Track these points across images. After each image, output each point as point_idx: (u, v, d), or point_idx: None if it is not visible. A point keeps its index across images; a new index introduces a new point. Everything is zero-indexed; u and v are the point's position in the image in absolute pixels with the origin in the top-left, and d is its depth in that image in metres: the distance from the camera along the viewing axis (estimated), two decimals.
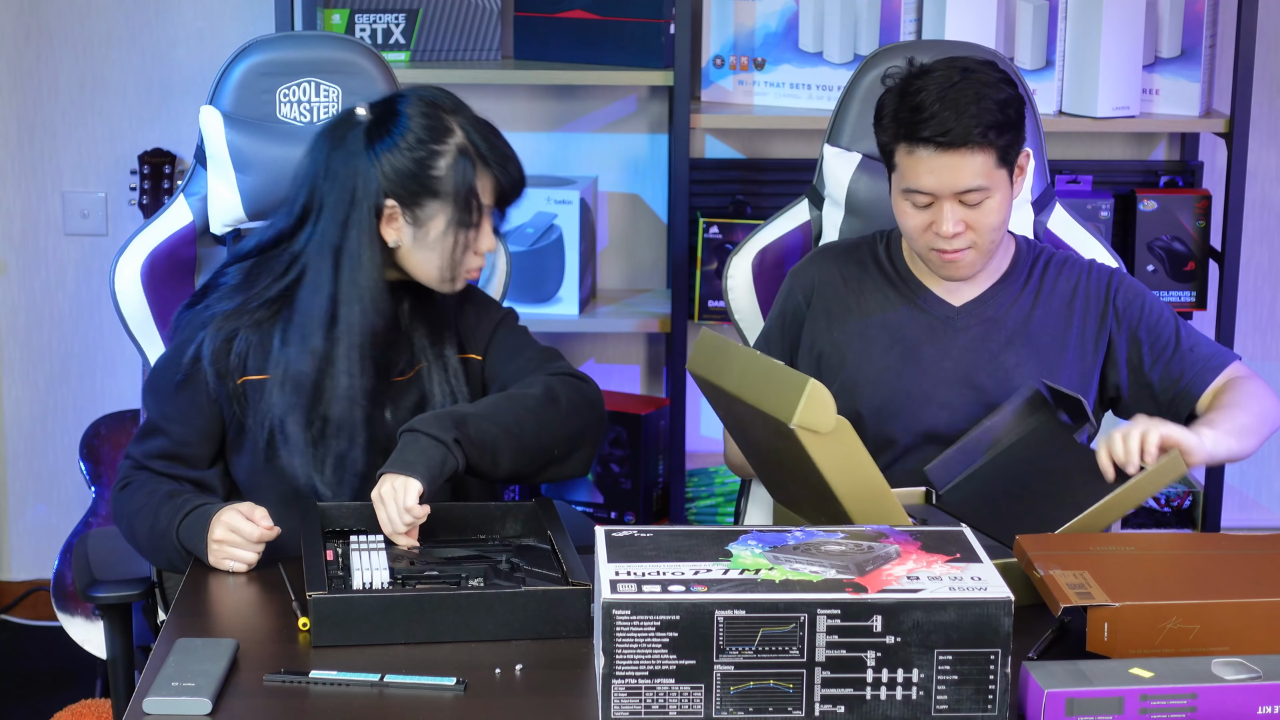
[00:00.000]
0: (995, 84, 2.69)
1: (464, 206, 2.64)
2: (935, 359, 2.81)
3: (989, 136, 2.65)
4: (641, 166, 4.13)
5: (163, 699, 2.11)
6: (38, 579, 4.29)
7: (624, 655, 2.04)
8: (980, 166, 2.67)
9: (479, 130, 2.66)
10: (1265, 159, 4.18)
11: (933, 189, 2.68)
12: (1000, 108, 2.67)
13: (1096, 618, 2.19)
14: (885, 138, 2.72)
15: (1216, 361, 2.79)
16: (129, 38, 4.08)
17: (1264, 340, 4.29)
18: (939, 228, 2.70)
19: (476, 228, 2.66)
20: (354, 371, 2.63)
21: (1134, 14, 3.82)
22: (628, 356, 4.22)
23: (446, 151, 2.63)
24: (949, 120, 2.64)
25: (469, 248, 2.67)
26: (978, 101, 2.65)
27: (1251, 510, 4.35)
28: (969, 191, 2.67)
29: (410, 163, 2.62)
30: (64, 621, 3.81)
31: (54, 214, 4.16)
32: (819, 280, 2.89)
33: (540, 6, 3.94)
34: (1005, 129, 2.67)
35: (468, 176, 2.63)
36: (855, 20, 3.84)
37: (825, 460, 2.36)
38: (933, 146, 2.65)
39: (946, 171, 2.66)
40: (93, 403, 4.19)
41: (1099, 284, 2.84)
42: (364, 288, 2.63)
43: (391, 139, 2.62)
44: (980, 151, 2.66)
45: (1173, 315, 2.84)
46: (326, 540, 2.50)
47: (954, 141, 2.64)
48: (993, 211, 2.70)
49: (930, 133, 2.65)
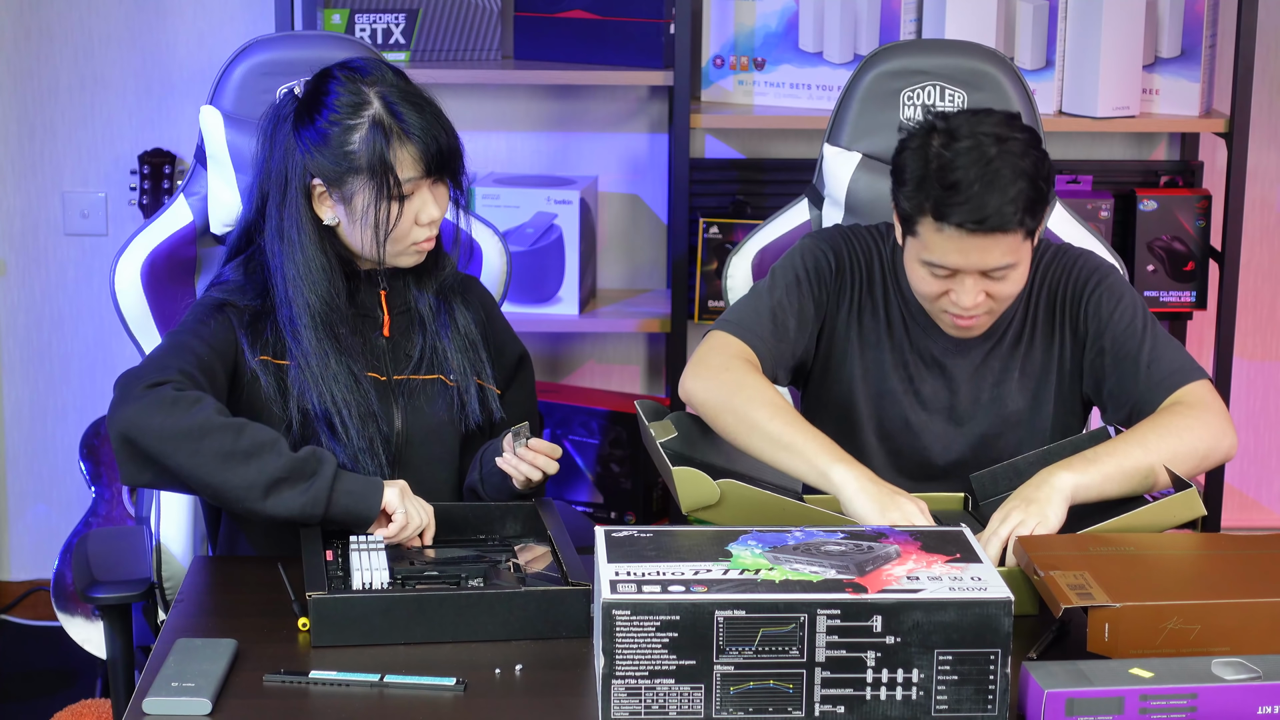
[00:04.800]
0: (1026, 153, 2.57)
1: (381, 180, 2.58)
2: (933, 393, 2.78)
3: (1024, 221, 2.56)
4: (641, 166, 4.13)
5: (163, 699, 2.11)
6: (38, 579, 4.29)
7: (624, 655, 2.04)
8: (1010, 245, 2.58)
9: (399, 99, 2.59)
10: (1265, 159, 4.18)
11: (958, 266, 2.60)
12: (1031, 182, 2.56)
13: (1097, 618, 2.19)
14: (909, 206, 2.61)
15: (1171, 381, 2.65)
16: (129, 38, 4.07)
17: (1264, 340, 4.29)
18: (958, 300, 2.63)
19: (400, 200, 2.59)
20: (311, 354, 2.61)
21: (1134, 14, 3.81)
22: (628, 356, 4.22)
23: (360, 125, 2.58)
24: (987, 207, 2.53)
25: (400, 220, 2.60)
26: (1014, 179, 2.54)
27: (1251, 510, 4.35)
28: (996, 269, 2.60)
29: (327, 140, 2.59)
30: (64, 621, 3.80)
31: (54, 214, 4.16)
32: (848, 262, 2.81)
33: (540, 6, 3.94)
34: (1038, 206, 2.58)
35: (379, 149, 2.57)
36: (855, 20, 3.84)
37: (732, 520, 2.43)
38: (965, 229, 2.55)
39: (975, 253, 2.57)
40: (93, 403, 4.19)
41: (1077, 284, 2.75)
42: (303, 269, 2.62)
43: (312, 118, 2.61)
44: (1013, 233, 2.57)
45: (1144, 326, 2.71)
46: (326, 540, 2.50)
47: (989, 228, 2.55)
48: (1016, 282, 2.63)
49: (963, 218, 2.54)
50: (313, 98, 2.63)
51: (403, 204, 2.60)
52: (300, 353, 2.62)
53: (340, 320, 2.65)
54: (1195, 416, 2.60)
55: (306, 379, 2.62)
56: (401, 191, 2.59)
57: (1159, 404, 2.64)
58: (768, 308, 2.77)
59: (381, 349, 2.71)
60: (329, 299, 2.63)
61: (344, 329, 2.65)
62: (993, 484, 2.68)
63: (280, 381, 2.63)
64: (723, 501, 2.46)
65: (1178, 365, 2.68)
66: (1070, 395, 2.78)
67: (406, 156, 2.59)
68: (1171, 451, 2.55)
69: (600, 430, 3.96)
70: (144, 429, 2.43)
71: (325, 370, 2.62)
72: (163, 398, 2.44)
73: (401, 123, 2.58)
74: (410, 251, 2.66)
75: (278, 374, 2.64)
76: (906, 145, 2.64)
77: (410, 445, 2.69)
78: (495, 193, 3.87)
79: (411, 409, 2.69)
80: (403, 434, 2.68)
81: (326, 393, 2.62)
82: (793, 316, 2.77)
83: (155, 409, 2.43)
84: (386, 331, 2.71)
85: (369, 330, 2.70)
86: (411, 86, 2.63)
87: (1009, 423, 2.77)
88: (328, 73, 2.64)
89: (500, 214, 3.83)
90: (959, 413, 2.78)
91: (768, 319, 2.76)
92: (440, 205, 2.64)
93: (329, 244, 2.65)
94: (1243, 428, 4.24)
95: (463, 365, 2.72)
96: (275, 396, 2.62)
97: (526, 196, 3.87)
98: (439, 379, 2.72)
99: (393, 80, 2.62)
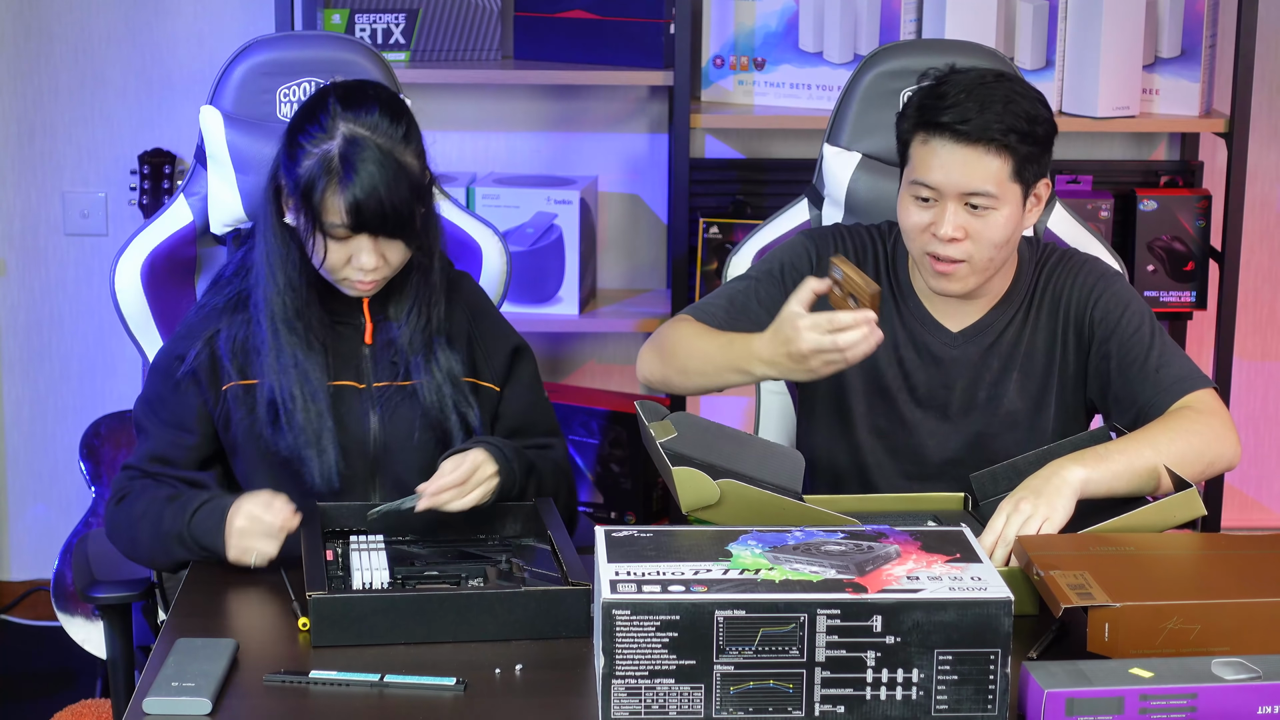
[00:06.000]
0: (1030, 98, 2.62)
1: (311, 215, 2.55)
2: (929, 390, 2.78)
3: (1009, 139, 2.57)
4: (641, 166, 4.13)
5: (163, 699, 2.11)
6: (38, 579, 4.29)
7: (624, 655, 2.04)
8: (994, 171, 2.59)
9: (360, 149, 2.51)
10: (1265, 159, 4.18)
11: (939, 184, 2.61)
12: (1028, 119, 2.59)
13: (1097, 618, 2.19)
14: (904, 127, 2.65)
15: (1180, 387, 2.65)
16: (129, 38, 4.08)
17: (1264, 340, 4.29)
18: (938, 229, 2.62)
19: (326, 237, 2.55)
20: (266, 342, 2.61)
21: (1134, 14, 3.82)
22: (628, 356, 4.22)
23: (313, 155, 2.54)
24: (970, 110, 2.57)
25: (329, 255, 2.56)
26: (1005, 103, 2.58)
27: (1251, 510, 4.35)
28: (976, 195, 2.60)
29: (289, 151, 2.58)
30: (64, 621, 3.80)
31: (54, 214, 4.16)
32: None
33: (540, 6, 3.94)
34: (1028, 139, 2.59)
35: (313, 185, 2.53)
36: (855, 20, 3.84)
37: (733, 520, 2.42)
38: (948, 135, 2.58)
39: (957, 168, 2.59)
40: (93, 403, 4.19)
41: (1083, 289, 2.75)
42: (264, 258, 2.62)
43: (295, 122, 2.60)
44: (997, 155, 2.58)
45: (1151, 331, 2.71)
46: (326, 540, 2.50)
47: (971, 134, 2.57)
48: (997, 226, 2.62)
49: (949, 118, 2.58)
50: (310, 104, 2.61)
51: (328, 241, 2.56)
52: (261, 339, 2.63)
53: (297, 315, 2.63)
54: (1204, 422, 2.60)
55: (263, 367, 2.63)
56: (327, 232, 2.55)
57: (1165, 410, 2.63)
58: (728, 293, 2.81)
59: (364, 356, 2.69)
60: (284, 291, 2.62)
61: (303, 324, 2.63)
62: (993, 484, 2.68)
63: (251, 404, 2.64)
64: (723, 501, 2.46)
65: (1185, 372, 2.67)
66: (1073, 400, 2.78)
67: (336, 205, 2.53)
68: (1180, 454, 2.54)
69: (600, 430, 3.96)
70: (118, 545, 2.67)
71: (277, 359, 2.62)
72: (111, 519, 2.66)
73: (345, 171, 2.51)
74: (347, 285, 2.62)
75: (246, 397, 2.64)
76: (919, 87, 2.69)
77: (389, 453, 2.68)
78: (495, 193, 3.87)
79: (390, 417, 2.68)
80: (379, 441, 2.67)
81: (276, 382, 2.62)
82: (756, 302, 2.78)
83: (112, 530, 2.67)
84: (369, 339, 2.68)
85: (352, 336, 2.69)
86: (386, 141, 2.53)
87: (1006, 423, 2.77)
88: (333, 89, 2.60)
89: (500, 214, 3.83)
90: (954, 410, 2.77)
91: (724, 301, 2.79)
92: (380, 255, 2.57)
93: (295, 240, 2.62)
94: (1243, 428, 4.24)
95: (441, 396, 2.68)
96: (248, 418, 2.63)
97: (526, 196, 3.87)
98: (419, 384, 2.70)
99: (373, 124, 2.54)
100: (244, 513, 2.50)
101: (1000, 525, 2.43)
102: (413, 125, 2.60)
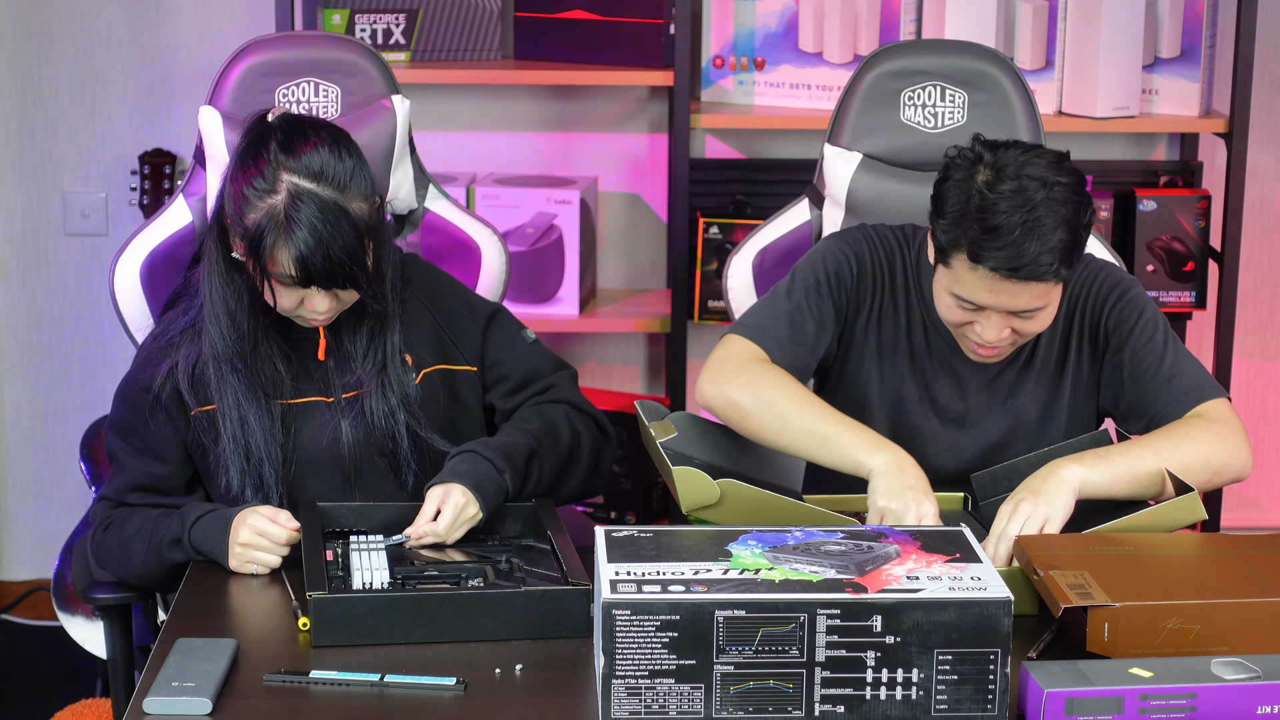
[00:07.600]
0: (1069, 200, 2.52)
1: (258, 264, 2.52)
2: (947, 400, 2.77)
3: (1060, 271, 2.53)
4: (641, 166, 4.13)
5: (163, 699, 2.11)
6: (38, 579, 4.29)
7: (624, 655, 2.04)
8: (1042, 290, 2.55)
9: (305, 202, 2.49)
10: (1265, 159, 4.18)
11: (987, 304, 2.57)
12: (1072, 233, 2.52)
13: (1096, 618, 2.19)
14: (945, 239, 2.56)
15: (1192, 397, 2.63)
16: (129, 38, 4.07)
17: (1264, 340, 4.29)
18: (982, 334, 2.60)
19: (275, 284, 2.53)
20: (226, 400, 2.61)
21: (1134, 14, 3.82)
22: (628, 356, 4.22)
23: (259, 207, 2.50)
24: (1024, 255, 2.49)
25: (280, 299, 2.55)
26: (1055, 232, 2.49)
27: (1251, 510, 4.35)
28: (1025, 311, 2.57)
29: (233, 194, 2.54)
30: (64, 621, 3.80)
31: (54, 214, 4.16)
32: (870, 265, 2.78)
33: (540, 6, 3.94)
34: (1075, 254, 2.54)
35: (261, 237, 2.50)
36: (855, 20, 3.84)
37: (733, 520, 2.42)
38: (999, 275, 2.52)
39: (1006, 295, 2.54)
40: (93, 403, 4.19)
41: (1098, 297, 2.73)
42: (216, 312, 2.60)
43: (237, 162, 2.55)
44: (1047, 281, 2.54)
45: (1165, 341, 2.69)
46: (326, 540, 2.50)
47: (1024, 276, 2.51)
48: (1043, 321, 2.61)
49: (999, 264, 2.50)
50: (251, 146, 2.55)
51: (279, 286, 2.54)
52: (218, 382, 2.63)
53: (240, 358, 2.61)
54: (1214, 431, 2.59)
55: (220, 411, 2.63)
56: (277, 280, 2.53)
57: (1178, 418, 2.63)
58: (786, 312, 2.74)
59: (324, 369, 2.66)
60: (227, 332, 2.60)
61: (245, 366, 2.61)
62: (993, 484, 2.68)
63: (216, 433, 2.63)
64: (723, 501, 2.46)
65: (1198, 382, 2.66)
66: (1085, 406, 2.77)
67: (284, 258, 2.51)
68: (1185, 461, 2.54)
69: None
70: (109, 569, 2.68)
71: (220, 398, 2.62)
72: (99, 547, 2.68)
73: (291, 228, 2.49)
74: (300, 320, 2.61)
75: (210, 426, 2.63)
76: (950, 175, 2.58)
77: (361, 459, 2.67)
78: (495, 193, 3.87)
79: (358, 425, 2.66)
80: (354, 450, 2.66)
81: (220, 419, 2.62)
82: (811, 320, 2.74)
83: (101, 556, 2.68)
84: (321, 355, 2.65)
85: (312, 350, 2.66)
86: (330, 190, 2.50)
87: (1019, 431, 2.77)
88: (273, 132, 2.54)
89: (500, 214, 3.83)
90: (971, 420, 2.77)
91: (785, 323, 2.73)
92: (332, 297, 2.56)
93: (242, 274, 2.59)
94: None
95: (393, 422, 2.66)
96: (215, 445, 2.63)
97: (526, 196, 3.87)
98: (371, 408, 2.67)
99: (317, 171, 2.51)
100: (249, 526, 2.50)
101: (1001, 528, 2.44)
102: (358, 156, 2.56)
